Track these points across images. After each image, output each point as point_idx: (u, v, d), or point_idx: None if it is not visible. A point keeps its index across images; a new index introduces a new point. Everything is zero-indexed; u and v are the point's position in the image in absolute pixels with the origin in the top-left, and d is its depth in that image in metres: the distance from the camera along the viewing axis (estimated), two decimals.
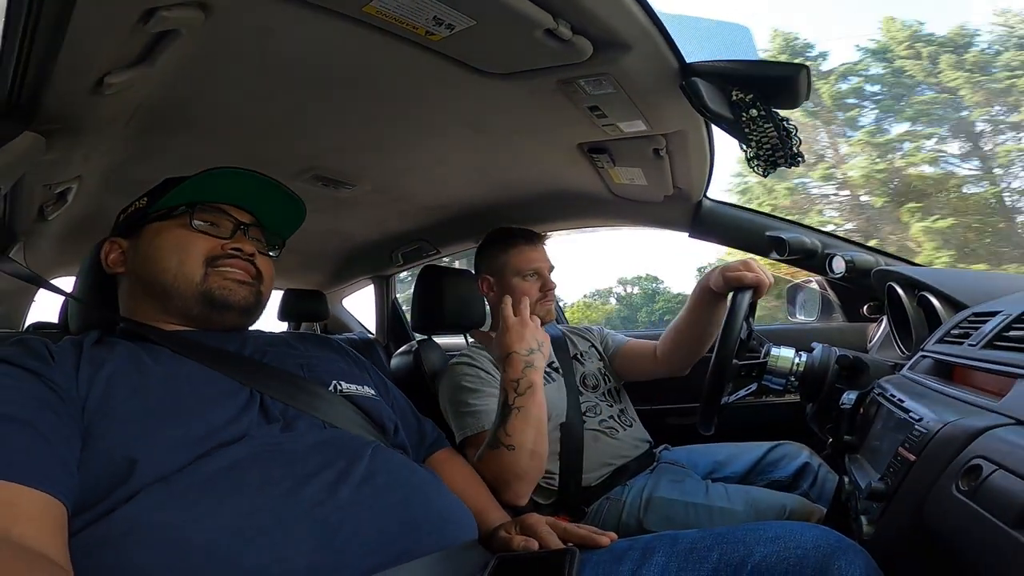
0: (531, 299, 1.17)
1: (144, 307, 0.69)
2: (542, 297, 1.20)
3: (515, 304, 0.93)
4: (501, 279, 1.22)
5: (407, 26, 0.70)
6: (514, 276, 1.20)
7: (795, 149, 0.79)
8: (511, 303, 0.92)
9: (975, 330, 0.68)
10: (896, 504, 0.55)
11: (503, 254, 1.22)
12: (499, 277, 1.22)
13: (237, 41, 0.74)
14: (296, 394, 0.64)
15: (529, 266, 1.20)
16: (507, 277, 1.21)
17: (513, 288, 1.19)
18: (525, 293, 1.18)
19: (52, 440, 0.47)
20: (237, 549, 0.45)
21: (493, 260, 1.24)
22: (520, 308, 0.91)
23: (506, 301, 0.92)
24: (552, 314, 1.25)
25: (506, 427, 0.82)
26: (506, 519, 0.71)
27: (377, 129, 1.06)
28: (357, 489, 0.52)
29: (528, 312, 0.91)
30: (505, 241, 1.24)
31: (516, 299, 1.14)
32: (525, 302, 0.93)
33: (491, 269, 1.24)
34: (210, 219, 0.71)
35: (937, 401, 0.60)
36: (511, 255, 1.21)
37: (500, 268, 1.22)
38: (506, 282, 1.21)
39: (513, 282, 1.20)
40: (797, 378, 0.91)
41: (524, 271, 1.20)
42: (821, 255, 1.26)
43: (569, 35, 0.71)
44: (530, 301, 1.14)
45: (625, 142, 1.06)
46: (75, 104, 0.74)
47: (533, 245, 1.23)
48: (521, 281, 1.20)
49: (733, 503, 0.95)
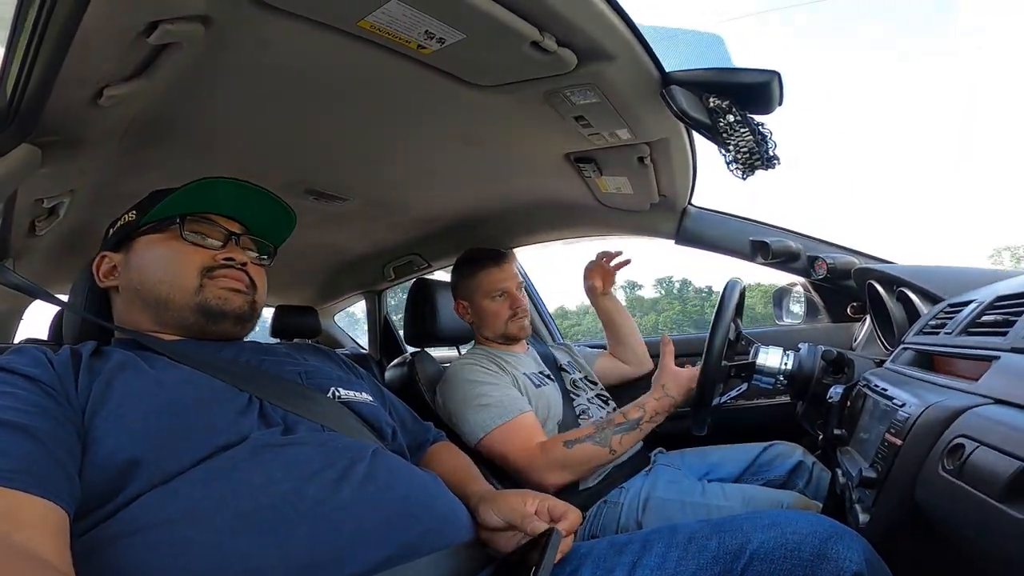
0: (502, 319, 1.22)
1: (139, 319, 0.69)
2: (512, 315, 1.23)
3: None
4: (473, 302, 1.26)
5: (400, 40, 0.73)
6: (484, 299, 1.24)
7: (771, 152, 0.83)
8: (671, 352, 1.07)
9: (951, 319, 0.71)
10: (887, 489, 0.56)
11: (472, 278, 1.26)
12: (471, 301, 1.26)
13: (234, 55, 0.75)
14: (295, 400, 0.64)
15: (496, 287, 1.24)
16: (478, 300, 1.25)
17: (484, 310, 1.24)
18: (496, 314, 1.23)
19: (52, 447, 0.46)
20: (240, 549, 0.44)
21: (465, 285, 1.27)
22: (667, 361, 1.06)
23: (667, 351, 1.06)
24: (527, 330, 1.28)
25: (622, 439, 0.98)
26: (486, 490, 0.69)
27: (368, 142, 1.07)
28: (359, 488, 0.52)
29: (692, 370, 1.03)
30: (472, 264, 1.27)
31: (487, 319, 1.24)
32: (670, 354, 1.06)
33: (464, 293, 1.28)
34: (201, 230, 0.72)
35: (919, 387, 0.61)
36: (479, 278, 1.25)
37: (471, 292, 1.26)
38: (478, 305, 1.25)
39: (483, 304, 1.24)
40: (786, 377, 0.93)
41: (492, 292, 1.24)
42: (804, 258, 1.29)
43: (554, 47, 0.74)
44: (501, 321, 1.22)
45: (610, 151, 1.09)
46: (73, 116, 0.75)
47: (499, 266, 1.26)
48: (491, 303, 1.23)
49: (731, 501, 0.95)
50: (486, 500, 0.64)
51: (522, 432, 1.02)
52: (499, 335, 1.24)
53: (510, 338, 1.25)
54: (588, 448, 0.96)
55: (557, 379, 1.23)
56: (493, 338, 1.25)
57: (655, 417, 1.00)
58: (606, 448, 0.96)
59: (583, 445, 0.96)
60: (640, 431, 0.99)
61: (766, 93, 0.78)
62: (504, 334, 1.23)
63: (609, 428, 0.99)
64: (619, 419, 1.00)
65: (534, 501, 0.62)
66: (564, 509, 0.61)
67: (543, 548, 0.50)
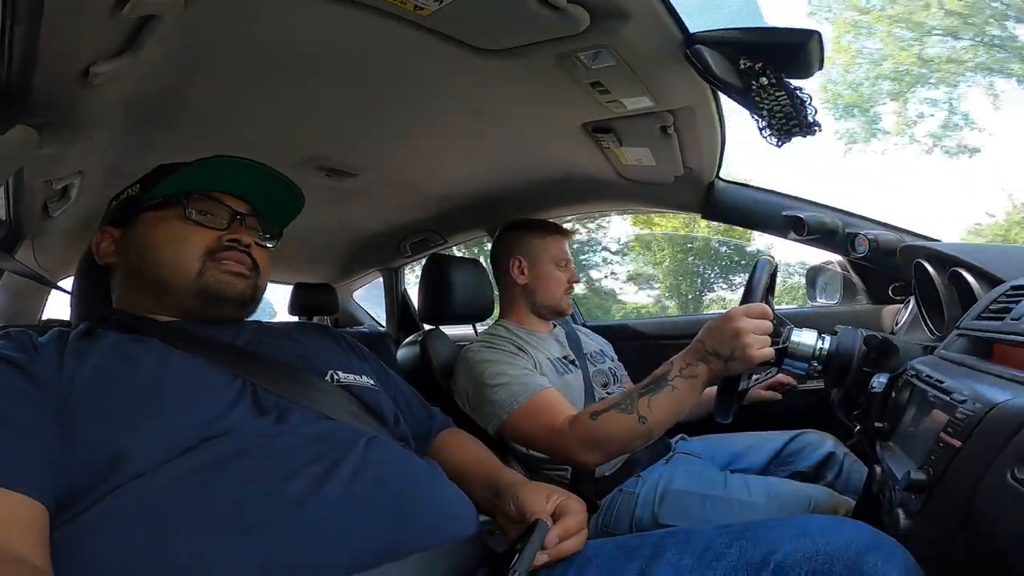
0: (562, 289, 1.21)
1: (137, 298, 0.68)
2: (569, 288, 1.22)
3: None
4: (536, 264, 1.21)
5: (395, 1, 0.67)
6: (550, 263, 1.20)
7: (811, 118, 0.74)
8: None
9: (1016, 304, 0.63)
10: (940, 495, 0.51)
11: (541, 241, 1.22)
12: (534, 261, 1.21)
13: (222, 27, 0.72)
14: (289, 385, 0.62)
15: (563, 256, 1.22)
16: (543, 263, 1.20)
17: (548, 274, 1.20)
18: (558, 282, 1.20)
19: (31, 438, 0.45)
20: (214, 548, 0.43)
21: (529, 245, 1.22)
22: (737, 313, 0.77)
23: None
24: (570, 307, 1.26)
25: (651, 399, 0.79)
26: (517, 479, 0.67)
27: (375, 115, 1.03)
28: (346, 484, 0.50)
29: (743, 323, 0.75)
30: (541, 229, 1.25)
31: (549, 286, 1.19)
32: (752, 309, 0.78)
33: (526, 252, 1.21)
34: (206, 209, 0.69)
35: (980, 380, 0.55)
36: (549, 243, 1.22)
37: (537, 253, 1.21)
38: (541, 267, 1.20)
39: (548, 269, 1.20)
40: (820, 361, 0.86)
41: (560, 260, 1.21)
42: (842, 234, 1.19)
43: (564, 4, 0.68)
44: (560, 290, 1.20)
45: (631, 120, 1.02)
46: (64, 95, 0.73)
47: (567, 238, 1.25)
48: (555, 269, 1.20)
49: (754, 496, 0.90)
50: (514, 487, 0.62)
51: (545, 410, 0.93)
52: (551, 306, 1.20)
53: (558, 312, 1.22)
54: (612, 418, 0.82)
55: (582, 366, 1.17)
56: (540, 307, 1.20)
57: (686, 371, 0.80)
58: (633, 415, 0.80)
59: (607, 415, 0.83)
60: (673, 389, 0.80)
61: (804, 54, 0.69)
62: (557, 306, 1.21)
63: (635, 392, 0.83)
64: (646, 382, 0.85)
65: (556, 498, 0.60)
66: (568, 509, 0.58)
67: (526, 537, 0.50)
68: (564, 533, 0.55)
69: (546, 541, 0.52)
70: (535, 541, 0.50)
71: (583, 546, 0.56)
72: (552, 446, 0.91)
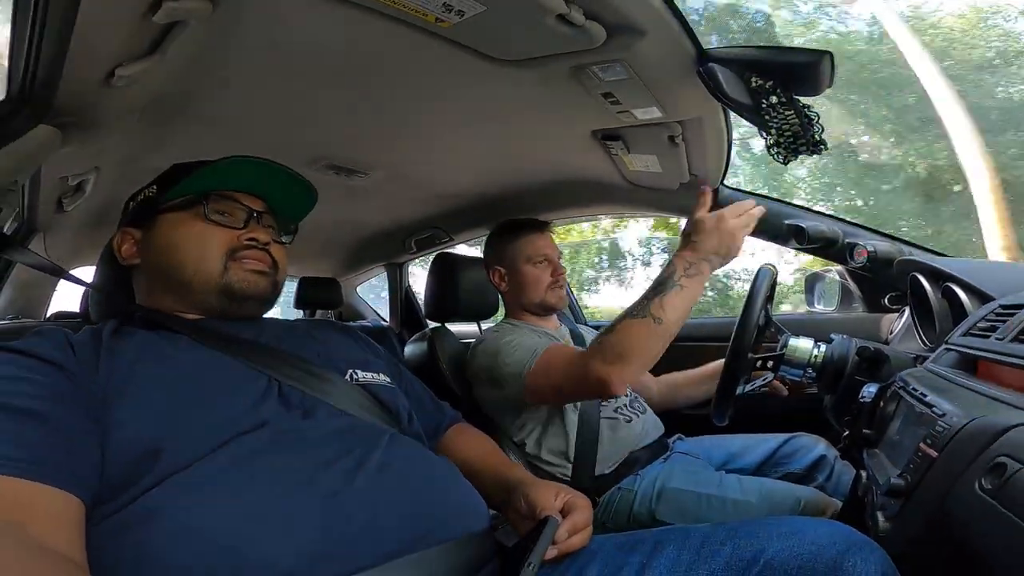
0: (543, 285, 1.19)
1: (161, 298, 0.70)
2: (553, 283, 1.20)
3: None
4: (512, 268, 1.21)
5: (417, 12, 0.69)
6: (525, 264, 1.20)
7: (817, 136, 0.77)
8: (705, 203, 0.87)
9: (1003, 323, 0.66)
10: (915, 501, 0.54)
11: (512, 244, 1.22)
12: (510, 266, 1.22)
13: (246, 32, 0.73)
14: (311, 382, 0.64)
15: (539, 253, 1.20)
16: (518, 265, 1.20)
17: (525, 275, 1.19)
18: (537, 280, 1.19)
19: (70, 435, 0.46)
20: (253, 537, 0.45)
21: (503, 250, 1.23)
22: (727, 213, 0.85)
23: (701, 201, 0.87)
24: (564, 301, 1.25)
25: (663, 299, 0.82)
26: (526, 477, 0.70)
27: (388, 117, 1.05)
28: (374, 478, 0.52)
29: (734, 222, 0.84)
30: (513, 231, 1.24)
31: (528, 286, 1.18)
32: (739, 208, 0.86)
33: (501, 259, 1.23)
34: (223, 208, 0.70)
35: (961, 396, 0.58)
36: (521, 243, 1.21)
37: (511, 257, 1.22)
38: (517, 270, 1.20)
39: (524, 270, 1.20)
40: (815, 369, 0.89)
41: (534, 258, 1.20)
42: (842, 244, 1.22)
43: (582, 20, 0.69)
44: (542, 287, 1.19)
45: (640, 129, 1.04)
46: (88, 97, 0.74)
47: (542, 233, 1.23)
48: (532, 268, 1.19)
49: (747, 495, 0.94)
50: (524, 485, 0.65)
51: (559, 355, 0.96)
52: (537, 304, 1.20)
53: (548, 308, 1.21)
54: (628, 325, 0.83)
55: None
56: (529, 307, 1.21)
57: (690, 270, 0.83)
58: (648, 318, 0.81)
59: (622, 324, 0.84)
60: (683, 289, 0.82)
61: (815, 74, 0.72)
62: (543, 302, 1.19)
63: (643, 298, 0.85)
64: (652, 287, 0.87)
65: (564, 496, 0.63)
66: (575, 506, 0.61)
67: (536, 534, 0.52)
68: (572, 529, 0.58)
69: (556, 536, 0.56)
70: (547, 536, 0.53)
71: (589, 541, 0.60)
72: (578, 376, 0.90)
